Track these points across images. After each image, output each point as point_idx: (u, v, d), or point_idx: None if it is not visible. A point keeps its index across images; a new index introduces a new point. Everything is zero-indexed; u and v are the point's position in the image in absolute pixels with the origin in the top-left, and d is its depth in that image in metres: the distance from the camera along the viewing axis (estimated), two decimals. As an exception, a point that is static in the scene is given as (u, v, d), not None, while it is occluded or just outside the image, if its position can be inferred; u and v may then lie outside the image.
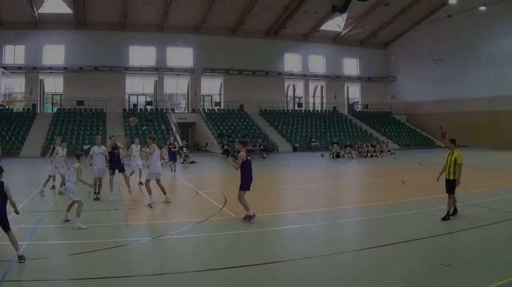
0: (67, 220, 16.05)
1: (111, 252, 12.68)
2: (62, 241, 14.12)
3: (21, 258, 11.33)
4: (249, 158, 16.57)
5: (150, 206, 19.65)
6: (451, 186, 16.58)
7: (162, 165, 33.04)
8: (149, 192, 19.95)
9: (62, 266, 11.82)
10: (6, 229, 11.59)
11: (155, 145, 21.47)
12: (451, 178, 16.61)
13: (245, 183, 16.58)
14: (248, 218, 16.20)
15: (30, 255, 11.95)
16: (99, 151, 22.13)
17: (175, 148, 34.62)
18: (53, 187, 24.21)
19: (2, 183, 12.08)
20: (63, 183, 22.70)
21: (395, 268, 11.21)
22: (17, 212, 12.30)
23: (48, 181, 23.66)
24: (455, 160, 16.53)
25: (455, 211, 16.97)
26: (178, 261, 12.35)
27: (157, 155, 21.22)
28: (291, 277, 10.80)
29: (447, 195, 16.65)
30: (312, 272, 11.06)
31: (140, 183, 26.23)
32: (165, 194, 20.42)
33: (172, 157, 33.94)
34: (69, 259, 12.33)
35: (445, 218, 16.26)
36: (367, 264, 11.59)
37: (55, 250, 13.30)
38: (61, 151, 23.59)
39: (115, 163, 22.57)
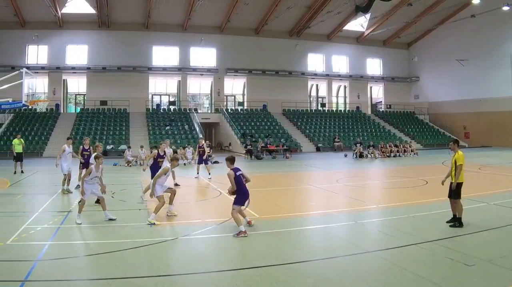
0: (111, 219, 16.20)
1: (134, 252, 12.53)
2: (85, 241, 13.92)
3: None
4: (238, 173, 15.41)
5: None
6: (454, 190, 15.45)
7: (185, 164, 36.38)
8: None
9: (85, 266, 11.66)
10: None
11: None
12: (453, 181, 15.57)
13: (239, 198, 15.41)
14: (239, 233, 14.51)
15: (53, 255, 12.07)
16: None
17: (203, 149, 32.45)
18: (78, 186, 23.10)
19: None
20: (69, 181, 23.64)
21: (418, 268, 10.93)
22: None
23: (65, 179, 23.38)
24: (455, 161, 15.59)
25: (456, 219, 15.37)
26: (201, 261, 12.00)
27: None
28: (314, 277, 10.50)
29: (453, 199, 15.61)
30: (335, 271, 10.96)
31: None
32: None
33: (200, 159, 32.14)
34: (92, 259, 12.06)
35: (450, 222, 15.39)
36: (390, 264, 11.36)
37: (78, 250, 13.09)
38: (67, 148, 23.87)
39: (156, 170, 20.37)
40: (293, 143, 60.76)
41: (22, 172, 32.94)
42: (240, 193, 15.54)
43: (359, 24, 76.11)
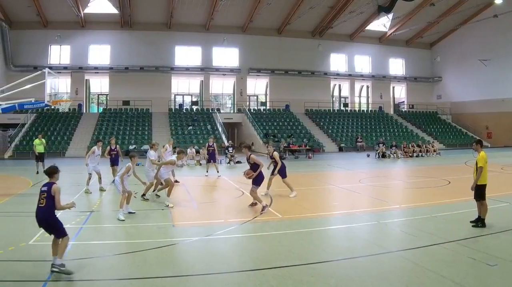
0: (130, 213, 16.67)
1: (157, 252, 12.20)
2: (108, 241, 13.49)
3: (54, 266, 10.16)
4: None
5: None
6: (475, 191, 14.77)
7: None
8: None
9: (108, 266, 11.21)
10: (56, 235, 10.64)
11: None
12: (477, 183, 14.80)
13: (259, 179, 17.70)
14: (263, 209, 16.97)
15: (76, 255, 11.66)
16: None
17: (213, 149, 32.46)
18: (113, 181, 23.33)
19: (52, 184, 10.98)
20: (100, 180, 23.74)
21: (440, 268, 10.59)
22: (71, 206, 11.30)
23: (89, 179, 23.28)
24: (476, 163, 14.83)
25: (479, 219, 14.71)
26: (224, 261, 11.72)
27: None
28: (336, 277, 10.22)
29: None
30: (358, 272, 10.58)
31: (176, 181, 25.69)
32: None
33: (212, 157, 32.02)
34: (115, 259, 11.71)
35: (474, 222, 14.74)
36: (412, 264, 11.04)
37: (101, 250, 12.57)
38: (97, 150, 23.68)
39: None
40: (316, 143, 59.10)
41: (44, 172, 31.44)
42: (260, 174, 17.52)
43: (381, 24, 74.04)
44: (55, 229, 10.60)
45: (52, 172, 11.29)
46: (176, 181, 25.34)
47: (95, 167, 23.50)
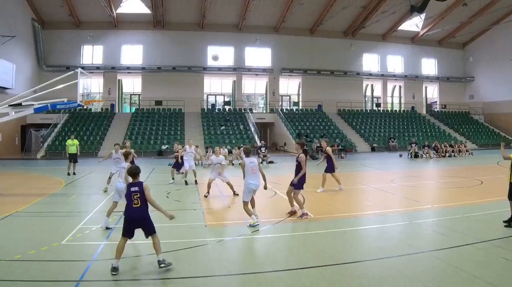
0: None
1: (189, 252, 12.03)
2: (139, 241, 12.20)
3: (160, 262, 10.41)
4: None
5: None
6: (509, 190, 14.26)
7: (240, 164, 32.21)
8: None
9: (139, 266, 11.06)
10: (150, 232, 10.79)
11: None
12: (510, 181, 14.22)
13: (301, 183, 16.45)
14: (302, 215, 15.97)
15: (108, 255, 11.33)
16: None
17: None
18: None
19: (141, 183, 10.93)
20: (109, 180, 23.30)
21: (473, 268, 10.40)
22: (170, 217, 10.99)
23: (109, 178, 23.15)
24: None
25: None
26: (256, 261, 11.70)
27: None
28: (369, 277, 10.01)
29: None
30: (390, 272, 10.36)
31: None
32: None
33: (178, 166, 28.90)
34: (147, 259, 11.31)
35: (506, 222, 14.26)
36: (445, 264, 10.76)
37: (133, 250, 12.13)
38: (114, 153, 23.05)
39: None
40: (348, 143, 56.99)
41: (74, 173, 30.97)
42: (302, 177, 16.19)
43: (414, 24, 71.49)
44: (151, 226, 10.69)
45: (136, 173, 10.97)
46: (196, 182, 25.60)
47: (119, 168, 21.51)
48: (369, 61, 74.36)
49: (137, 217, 10.54)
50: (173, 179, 26.36)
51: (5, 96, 39.93)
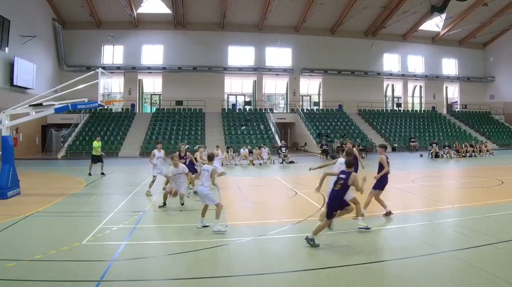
0: (204, 226, 14.43)
1: (210, 252, 11.91)
2: (160, 241, 13.23)
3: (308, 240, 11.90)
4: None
5: None
6: None
7: (260, 164, 38.19)
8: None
9: (161, 266, 10.86)
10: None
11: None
12: None
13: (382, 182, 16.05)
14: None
15: (129, 255, 11.53)
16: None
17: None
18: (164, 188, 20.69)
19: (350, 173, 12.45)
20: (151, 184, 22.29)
21: (493, 268, 10.14)
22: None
23: (153, 181, 22.32)
24: None
25: None
26: (277, 261, 11.28)
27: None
28: (390, 277, 10.01)
29: None
30: (411, 271, 10.19)
31: None
32: None
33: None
34: (168, 258, 11.37)
35: None
36: (465, 264, 10.61)
37: (153, 250, 12.41)
38: (157, 153, 22.30)
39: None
40: (369, 143, 55.43)
41: (102, 173, 30.56)
42: (384, 178, 15.99)
43: (434, 24, 69.60)
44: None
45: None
46: None
47: (161, 171, 22.03)
48: (390, 61, 72.72)
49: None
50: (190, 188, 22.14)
51: (26, 96, 39.90)
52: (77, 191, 23.07)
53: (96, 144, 31.42)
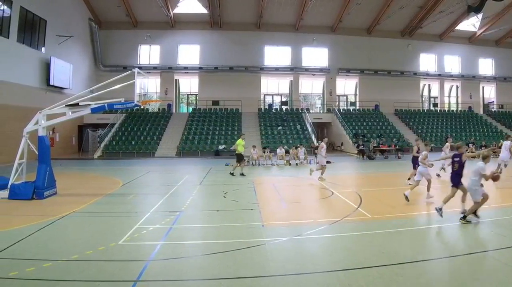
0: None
1: (246, 252, 11.26)
2: (197, 241, 12.66)
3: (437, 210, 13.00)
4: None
5: None
6: None
7: (297, 164, 37.89)
8: None
9: (197, 266, 10.51)
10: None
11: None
12: None
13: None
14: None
15: (165, 255, 11.11)
16: None
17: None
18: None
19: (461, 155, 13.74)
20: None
21: None
22: None
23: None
24: None
25: None
26: (313, 261, 10.63)
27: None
28: (426, 277, 9.44)
29: None
30: (447, 271, 9.86)
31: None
32: None
33: None
34: (204, 259, 10.91)
35: None
36: (502, 264, 9.95)
37: (190, 250, 11.73)
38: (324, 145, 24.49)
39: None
40: (405, 143, 52.73)
41: (242, 174, 28.96)
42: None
43: (471, 24, 65.77)
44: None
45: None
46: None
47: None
48: (426, 61, 69.17)
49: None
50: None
51: (62, 96, 39.40)
52: (114, 191, 22.55)
53: (241, 142, 30.66)
